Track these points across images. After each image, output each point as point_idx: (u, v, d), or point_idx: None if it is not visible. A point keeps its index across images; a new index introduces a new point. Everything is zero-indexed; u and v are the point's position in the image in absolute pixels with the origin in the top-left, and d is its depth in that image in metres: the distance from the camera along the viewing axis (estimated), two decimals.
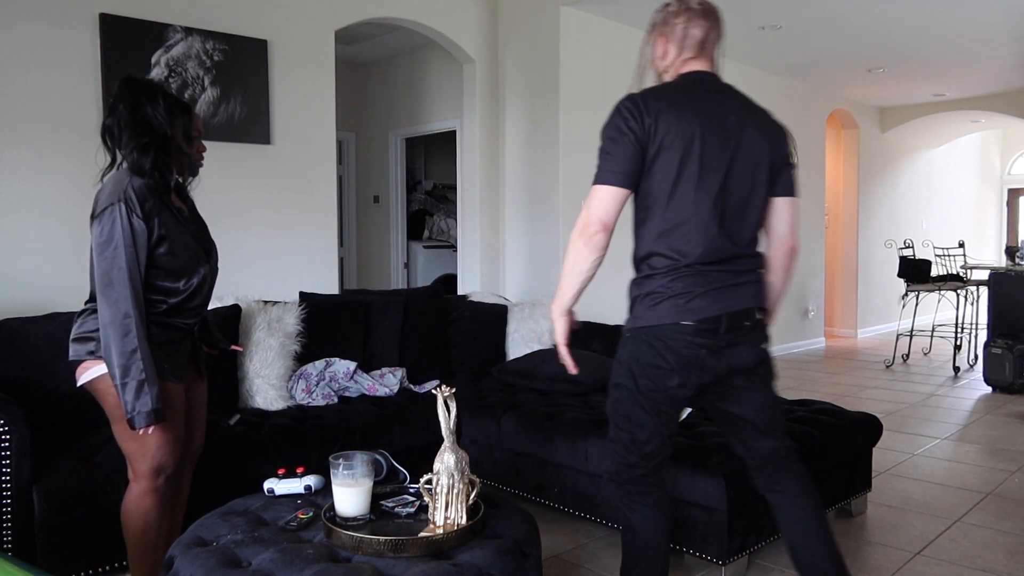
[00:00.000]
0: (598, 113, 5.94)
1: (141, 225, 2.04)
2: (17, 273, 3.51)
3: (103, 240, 2.03)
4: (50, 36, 3.55)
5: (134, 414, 2.03)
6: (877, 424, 3.18)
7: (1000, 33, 5.90)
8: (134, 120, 2.09)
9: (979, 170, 11.56)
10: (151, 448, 2.16)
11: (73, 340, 2.17)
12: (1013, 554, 2.83)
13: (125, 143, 2.09)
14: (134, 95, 2.11)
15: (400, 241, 7.04)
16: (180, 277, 2.17)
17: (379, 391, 3.53)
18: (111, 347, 2.02)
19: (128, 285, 2.03)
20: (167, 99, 2.15)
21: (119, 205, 2.02)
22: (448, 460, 1.89)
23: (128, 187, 2.05)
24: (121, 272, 2.02)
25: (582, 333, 4.21)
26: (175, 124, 2.15)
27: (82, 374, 2.15)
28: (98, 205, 2.06)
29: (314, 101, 4.50)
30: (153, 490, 2.19)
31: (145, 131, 2.09)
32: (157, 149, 2.10)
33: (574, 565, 2.74)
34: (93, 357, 2.12)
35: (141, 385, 2.02)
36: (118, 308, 2.02)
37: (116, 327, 2.02)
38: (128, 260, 2.03)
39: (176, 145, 2.16)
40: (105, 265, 2.03)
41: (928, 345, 7.84)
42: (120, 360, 2.01)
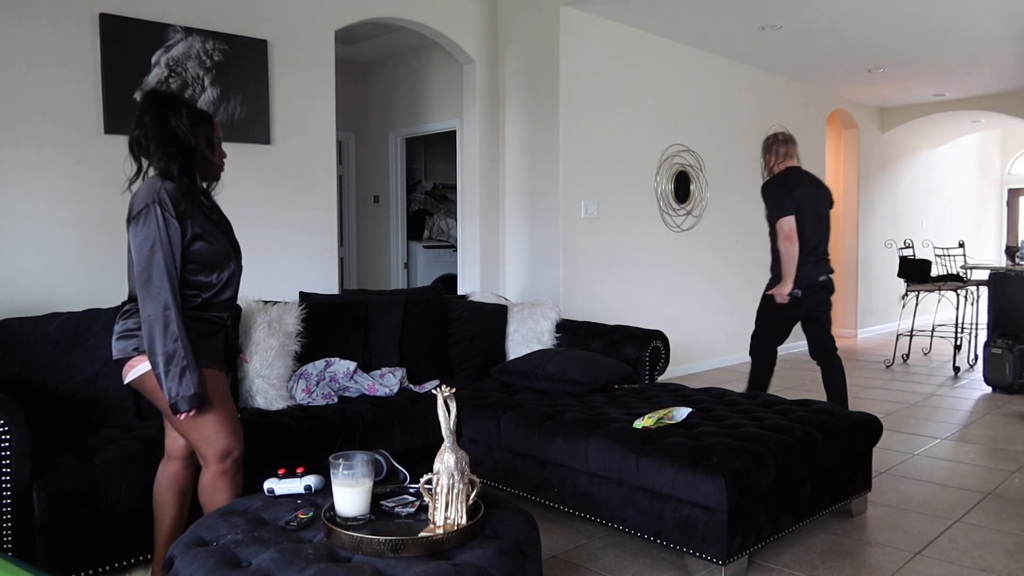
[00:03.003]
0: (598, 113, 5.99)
1: (175, 225, 2.16)
2: (17, 273, 3.50)
3: (141, 240, 2.15)
4: (50, 36, 3.55)
5: (177, 399, 2.12)
6: (877, 424, 3.18)
7: (1000, 33, 5.90)
8: (160, 132, 2.21)
9: (979, 170, 11.56)
10: (211, 434, 2.25)
11: (117, 338, 2.24)
12: (1013, 554, 2.83)
13: (153, 153, 2.22)
14: (159, 108, 2.23)
15: (400, 241, 7.04)
16: (213, 271, 2.28)
17: (379, 391, 3.53)
18: (155, 339, 2.12)
19: (166, 280, 2.14)
20: (189, 110, 2.27)
21: (154, 207, 2.15)
22: (448, 460, 1.89)
23: (161, 190, 2.17)
24: (160, 269, 2.14)
25: (582, 333, 4.21)
26: (198, 133, 2.27)
27: (129, 371, 2.23)
28: (134, 208, 2.18)
29: (314, 101, 4.50)
30: (223, 473, 2.29)
31: (171, 141, 2.22)
32: (183, 157, 2.23)
33: (574, 565, 2.75)
34: (139, 353, 2.20)
35: (183, 371, 2.13)
36: (158, 302, 2.13)
37: (158, 320, 2.12)
38: (165, 257, 2.15)
39: (200, 153, 2.28)
40: (144, 263, 2.14)
41: (928, 345, 7.84)
42: (162, 349, 2.12)
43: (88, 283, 3.69)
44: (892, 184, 9.37)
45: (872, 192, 8.98)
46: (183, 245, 2.19)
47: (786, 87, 7.42)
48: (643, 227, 5.97)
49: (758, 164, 7.12)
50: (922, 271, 6.81)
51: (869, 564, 2.76)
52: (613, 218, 5.69)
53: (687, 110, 6.31)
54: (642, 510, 2.73)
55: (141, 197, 2.18)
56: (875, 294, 9.12)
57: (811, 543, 2.92)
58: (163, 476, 2.42)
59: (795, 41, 6.12)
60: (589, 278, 5.53)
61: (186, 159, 2.23)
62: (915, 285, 6.82)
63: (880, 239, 9.04)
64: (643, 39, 5.86)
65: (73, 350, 2.94)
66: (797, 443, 2.76)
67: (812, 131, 7.84)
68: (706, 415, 3.12)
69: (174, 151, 2.21)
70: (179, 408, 2.14)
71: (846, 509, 3.18)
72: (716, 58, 6.55)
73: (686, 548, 2.61)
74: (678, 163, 6.24)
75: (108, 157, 3.74)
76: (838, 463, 3.00)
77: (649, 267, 6.04)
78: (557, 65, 5.24)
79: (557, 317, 4.32)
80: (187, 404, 2.13)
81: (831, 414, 3.10)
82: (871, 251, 8.96)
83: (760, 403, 3.35)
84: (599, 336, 4.13)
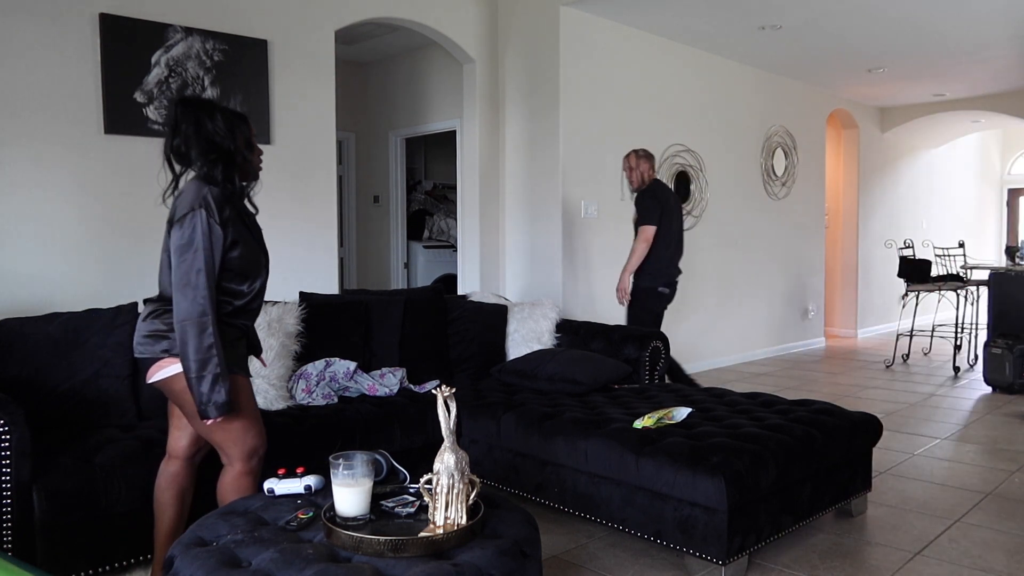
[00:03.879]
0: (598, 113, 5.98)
1: (219, 230, 2.16)
2: (17, 273, 3.51)
3: (183, 243, 2.13)
4: (50, 36, 3.55)
5: (208, 405, 2.13)
6: (877, 424, 3.18)
7: (1000, 33, 5.90)
8: (199, 138, 2.21)
9: (979, 170, 11.56)
10: (239, 435, 2.27)
11: (145, 337, 2.23)
12: (1013, 554, 2.83)
13: (195, 160, 2.22)
14: (195, 114, 2.23)
15: (400, 241, 7.04)
16: (246, 279, 2.28)
17: (379, 391, 3.53)
18: (188, 343, 2.12)
19: (206, 285, 2.14)
20: (224, 113, 2.27)
21: (200, 211, 2.14)
22: (448, 460, 1.89)
23: (207, 194, 2.17)
24: (200, 274, 2.13)
25: (582, 333, 4.21)
26: (236, 135, 2.27)
27: (157, 372, 2.22)
28: (178, 211, 2.17)
29: (314, 101, 4.50)
30: (248, 472, 2.31)
31: (211, 147, 2.22)
32: (224, 162, 2.23)
33: (574, 565, 2.75)
34: (169, 355, 2.20)
35: (216, 379, 2.13)
36: (196, 306, 2.12)
37: (194, 325, 2.12)
38: (207, 262, 2.14)
39: (240, 155, 2.28)
40: (185, 267, 2.13)
41: (928, 345, 7.84)
42: (197, 356, 2.11)
43: (88, 283, 3.69)
44: (892, 184, 9.37)
45: (872, 192, 8.98)
46: (223, 250, 2.19)
47: (786, 87, 7.42)
48: None
49: (759, 164, 7.13)
50: (922, 271, 6.81)
51: (869, 564, 2.76)
52: (613, 218, 5.69)
53: (687, 110, 6.31)
54: (642, 510, 2.73)
55: (186, 200, 2.17)
56: (875, 294, 9.12)
57: (811, 543, 2.92)
58: (163, 476, 2.42)
59: (795, 41, 6.12)
60: (589, 278, 5.53)
61: (227, 163, 2.24)
62: (915, 285, 6.82)
63: (880, 239, 9.04)
64: (643, 39, 5.86)
65: (73, 350, 2.94)
66: (797, 443, 2.76)
67: (812, 131, 7.84)
68: (706, 415, 3.12)
69: (215, 157, 2.21)
70: (208, 414, 2.14)
71: (846, 509, 3.18)
72: (716, 58, 6.55)
73: (686, 548, 2.61)
74: (678, 163, 6.24)
75: (108, 157, 3.74)
76: (838, 463, 3.00)
77: None
78: (557, 65, 5.24)
79: (557, 317, 4.32)
80: (217, 411, 2.14)
81: (831, 414, 3.10)
82: (871, 251, 8.97)
83: (760, 403, 3.35)
84: (599, 336, 4.13)
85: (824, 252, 8.20)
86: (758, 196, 7.19)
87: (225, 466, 2.33)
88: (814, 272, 8.01)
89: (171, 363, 2.19)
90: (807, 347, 7.98)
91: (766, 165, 7.21)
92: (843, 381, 6.23)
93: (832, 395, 5.59)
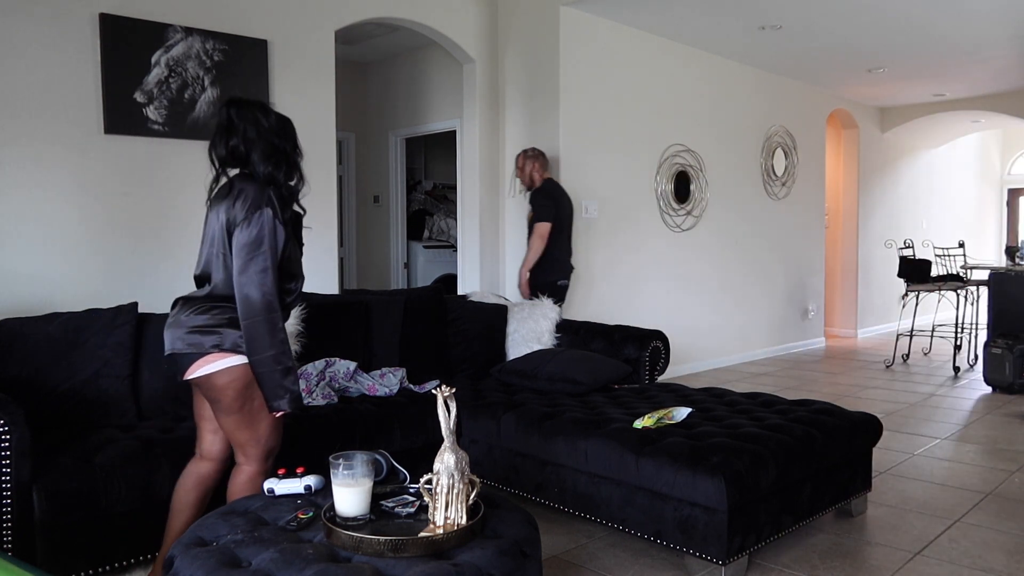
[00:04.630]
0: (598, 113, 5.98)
1: (282, 229, 2.22)
2: (17, 273, 3.51)
3: (251, 241, 2.16)
4: (50, 36, 3.55)
5: (283, 399, 2.19)
6: (877, 424, 3.18)
7: (1000, 33, 5.90)
8: (260, 139, 2.24)
9: (979, 170, 11.56)
10: (264, 434, 2.29)
11: (190, 332, 2.20)
12: (1013, 554, 2.83)
13: (256, 161, 2.24)
14: (253, 115, 2.26)
15: (400, 241, 7.04)
16: (293, 279, 2.33)
17: (379, 391, 3.53)
18: (261, 338, 2.15)
19: (273, 282, 2.18)
20: (276, 113, 2.32)
21: (266, 210, 2.18)
22: (448, 460, 1.88)
23: (271, 194, 2.22)
24: (267, 272, 2.17)
25: (582, 333, 4.21)
26: (287, 136, 2.31)
27: (203, 366, 2.19)
28: (243, 210, 2.18)
29: (314, 101, 4.50)
30: (264, 472, 2.32)
31: (271, 148, 2.25)
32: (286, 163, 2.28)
33: (574, 565, 2.75)
34: (219, 350, 2.18)
35: (289, 371, 2.19)
36: (265, 303, 2.16)
37: (266, 320, 2.16)
38: (273, 260, 2.19)
39: (292, 157, 2.32)
40: (255, 265, 2.16)
41: (928, 345, 7.84)
42: (272, 350, 2.16)
43: (88, 283, 3.69)
44: (892, 184, 9.37)
45: (872, 192, 8.98)
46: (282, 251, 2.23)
47: (786, 87, 7.42)
48: (643, 227, 5.97)
49: (759, 164, 7.13)
50: (922, 271, 6.81)
51: (869, 564, 2.76)
52: (613, 218, 5.69)
53: (687, 110, 6.31)
54: (642, 510, 2.73)
55: (251, 199, 2.19)
56: (875, 294, 9.12)
57: (811, 543, 2.92)
58: (191, 476, 2.40)
59: (795, 41, 6.12)
60: (589, 278, 5.53)
61: (286, 164, 2.28)
62: (915, 285, 6.82)
63: (880, 239, 9.04)
64: (643, 39, 5.86)
65: (73, 350, 2.94)
66: (797, 443, 2.76)
67: (812, 131, 7.84)
68: (706, 415, 3.12)
69: (276, 158, 2.25)
70: (280, 407, 2.20)
71: (846, 509, 3.18)
72: (716, 58, 6.55)
73: (686, 548, 2.61)
74: (678, 163, 6.24)
75: (108, 157, 3.74)
76: (838, 463, 3.00)
77: (649, 267, 6.04)
78: (557, 65, 5.24)
79: (557, 317, 4.32)
80: (289, 404, 2.19)
81: (831, 414, 3.10)
82: (871, 251, 8.97)
83: (760, 403, 3.35)
84: (599, 336, 4.13)
85: (824, 252, 8.20)
86: (758, 196, 7.19)
87: (240, 464, 2.33)
88: (814, 272, 8.01)
89: (219, 358, 2.18)
90: (807, 347, 7.98)
91: (766, 165, 7.21)
92: (843, 381, 6.23)
93: (832, 395, 5.59)
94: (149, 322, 3.15)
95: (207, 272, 2.28)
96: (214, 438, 2.39)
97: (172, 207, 3.96)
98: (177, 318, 2.24)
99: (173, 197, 3.96)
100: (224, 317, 2.21)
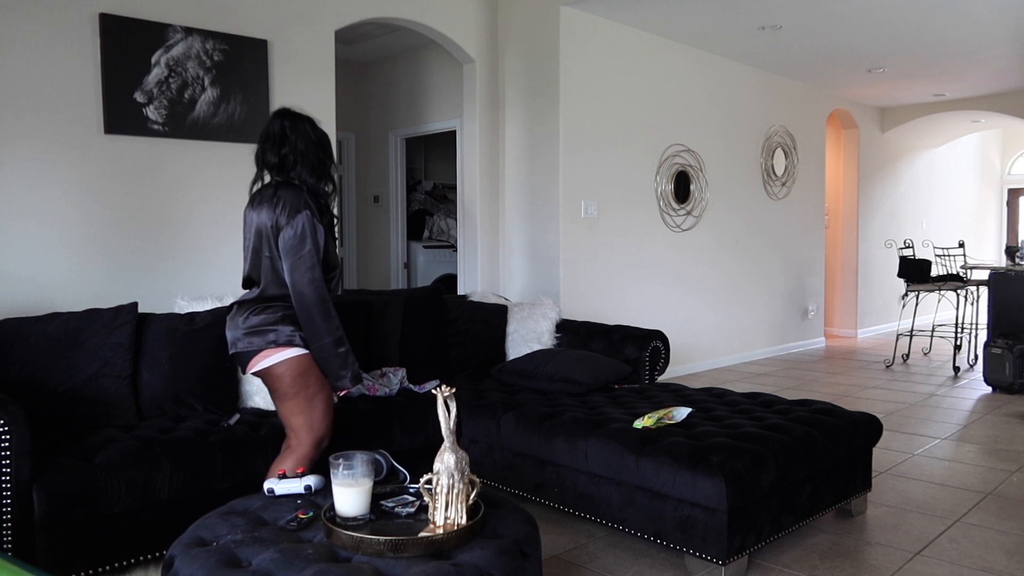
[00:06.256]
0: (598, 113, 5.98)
1: (321, 228, 2.45)
2: (17, 273, 3.50)
3: (298, 241, 2.41)
4: (50, 36, 3.55)
5: (347, 376, 2.46)
6: (877, 424, 3.18)
7: (1000, 33, 5.90)
8: (307, 152, 2.51)
9: (979, 170, 11.56)
10: (317, 420, 2.51)
11: (248, 333, 2.45)
12: (1013, 554, 2.83)
13: (301, 170, 2.50)
14: (304, 128, 2.53)
15: (400, 241, 7.04)
16: (331, 270, 2.55)
17: (379, 391, 3.53)
18: (319, 326, 2.41)
19: (320, 277, 2.43)
20: (320, 130, 2.58)
21: (305, 211, 2.42)
22: (448, 460, 1.89)
23: (307, 198, 2.46)
24: (315, 268, 2.41)
25: (582, 333, 4.21)
26: (328, 150, 2.58)
27: (261, 360, 2.45)
28: (286, 212, 2.42)
29: (314, 101, 4.50)
30: (313, 457, 2.52)
31: (316, 161, 2.52)
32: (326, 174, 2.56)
33: (574, 565, 2.75)
34: (275, 345, 2.43)
35: (349, 353, 2.47)
36: (318, 294, 2.41)
37: (320, 310, 2.41)
38: (318, 255, 2.43)
39: (329, 168, 2.59)
40: (304, 261, 2.40)
41: (928, 345, 7.84)
42: (330, 336, 2.43)
43: (88, 283, 3.69)
44: (892, 184, 9.37)
45: (872, 192, 8.98)
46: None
47: (786, 87, 7.42)
48: (643, 227, 5.97)
49: (759, 164, 7.13)
50: (922, 271, 6.81)
51: (869, 564, 2.76)
52: (613, 218, 5.69)
53: (687, 110, 6.31)
54: (642, 510, 2.73)
55: (291, 203, 2.42)
56: (875, 294, 9.12)
57: (811, 543, 2.92)
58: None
59: (795, 41, 6.12)
60: (589, 278, 5.53)
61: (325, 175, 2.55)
62: (915, 285, 6.82)
63: (880, 239, 9.04)
64: (643, 39, 5.86)
65: (73, 350, 2.94)
66: (797, 443, 2.76)
67: (812, 131, 7.84)
68: (706, 415, 3.12)
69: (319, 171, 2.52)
70: (344, 385, 2.47)
71: (846, 509, 3.19)
72: (716, 58, 6.55)
73: (686, 548, 2.61)
74: (678, 163, 6.24)
75: (108, 157, 3.74)
76: (838, 463, 3.00)
77: (649, 267, 6.04)
78: (557, 65, 5.24)
79: (557, 317, 4.32)
80: (352, 382, 2.46)
81: (831, 414, 3.10)
82: (871, 251, 8.97)
83: (760, 403, 3.35)
84: (599, 336, 4.13)
85: (824, 252, 8.20)
86: (758, 196, 7.19)
87: (291, 447, 2.52)
88: (814, 272, 8.01)
89: (275, 352, 2.43)
90: (807, 347, 7.98)
91: (766, 165, 7.21)
92: (843, 381, 6.23)
93: (832, 395, 5.59)
94: (149, 322, 3.15)
95: (254, 275, 2.53)
96: None
97: (172, 207, 3.96)
98: (235, 321, 2.50)
99: (173, 197, 3.96)
100: (277, 315, 2.45)
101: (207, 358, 3.18)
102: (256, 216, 2.49)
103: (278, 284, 2.47)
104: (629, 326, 4.17)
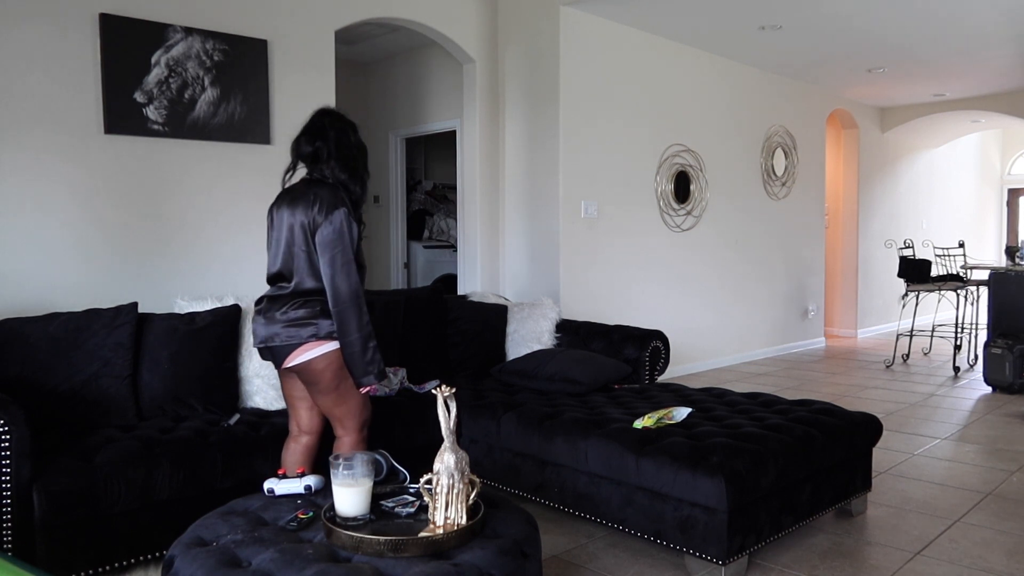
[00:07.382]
0: (598, 113, 5.98)
1: (355, 226, 2.51)
2: (17, 273, 3.50)
3: (335, 237, 2.45)
4: (50, 36, 3.55)
5: (373, 373, 2.47)
6: (877, 424, 3.19)
7: (1000, 33, 5.90)
8: (342, 148, 2.55)
9: (979, 170, 11.56)
10: (357, 407, 2.57)
11: (288, 326, 2.47)
12: (1013, 554, 2.83)
13: (335, 167, 2.54)
14: (343, 127, 2.58)
15: (400, 241, 7.04)
16: (361, 268, 2.57)
17: (379, 391, 3.53)
18: (351, 321, 2.44)
19: (355, 271, 2.47)
20: (359, 137, 2.63)
21: (342, 209, 2.47)
22: (448, 460, 1.89)
23: (343, 196, 2.51)
24: (351, 264, 2.46)
25: (582, 333, 4.21)
26: (363, 157, 2.62)
27: (302, 354, 2.47)
28: (323, 210, 2.46)
29: (314, 101, 4.49)
30: (362, 441, 2.61)
31: (350, 160, 2.56)
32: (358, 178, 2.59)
33: (574, 565, 2.75)
34: (316, 339, 2.46)
35: (376, 350, 2.49)
36: (353, 292, 2.45)
37: (354, 306, 2.45)
38: (354, 251, 2.48)
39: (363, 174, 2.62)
40: (341, 257, 2.45)
41: (928, 345, 7.84)
42: (360, 332, 2.45)
43: (88, 283, 3.69)
44: (892, 184, 9.37)
45: (872, 192, 8.98)
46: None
47: (786, 87, 7.42)
48: (643, 227, 5.97)
49: (759, 164, 7.13)
50: (922, 271, 6.81)
51: (869, 564, 2.76)
52: (613, 218, 5.69)
53: (687, 110, 6.31)
54: (642, 510, 2.73)
55: (327, 201, 2.46)
56: (875, 294, 9.12)
57: (811, 543, 2.92)
58: (296, 452, 2.65)
59: (795, 41, 6.12)
60: (589, 278, 5.53)
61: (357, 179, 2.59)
62: (915, 285, 6.82)
63: (880, 239, 9.04)
64: (643, 39, 5.86)
65: (73, 350, 2.94)
66: (797, 443, 2.76)
67: (812, 131, 7.84)
68: (706, 415, 3.12)
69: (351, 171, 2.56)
70: (368, 383, 2.49)
71: (846, 509, 3.19)
72: (716, 58, 6.55)
73: (686, 548, 2.61)
74: (678, 163, 6.24)
75: (108, 157, 3.74)
76: (838, 463, 3.00)
77: (649, 267, 6.04)
78: (557, 65, 5.24)
79: (557, 317, 4.32)
80: (377, 378, 2.48)
81: (831, 414, 3.10)
82: (871, 251, 8.97)
83: (760, 403, 3.35)
84: (599, 336, 4.13)
85: (824, 252, 8.20)
86: (758, 196, 7.19)
87: (340, 437, 2.59)
88: (814, 272, 8.01)
89: (316, 345, 2.45)
90: (807, 347, 7.98)
91: (766, 165, 7.21)
92: (843, 381, 6.23)
93: (832, 395, 5.59)
94: (149, 322, 3.15)
95: (286, 270, 2.53)
96: (311, 414, 2.65)
97: (172, 207, 3.96)
98: (271, 315, 2.50)
99: (173, 197, 3.96)
100: (316, 309, 2.47)
101: (207, 358, 3.18)
102: (289, 213, 2.51)
103: (314, 278, 2.49)
104: (629, 326, 4.17)
